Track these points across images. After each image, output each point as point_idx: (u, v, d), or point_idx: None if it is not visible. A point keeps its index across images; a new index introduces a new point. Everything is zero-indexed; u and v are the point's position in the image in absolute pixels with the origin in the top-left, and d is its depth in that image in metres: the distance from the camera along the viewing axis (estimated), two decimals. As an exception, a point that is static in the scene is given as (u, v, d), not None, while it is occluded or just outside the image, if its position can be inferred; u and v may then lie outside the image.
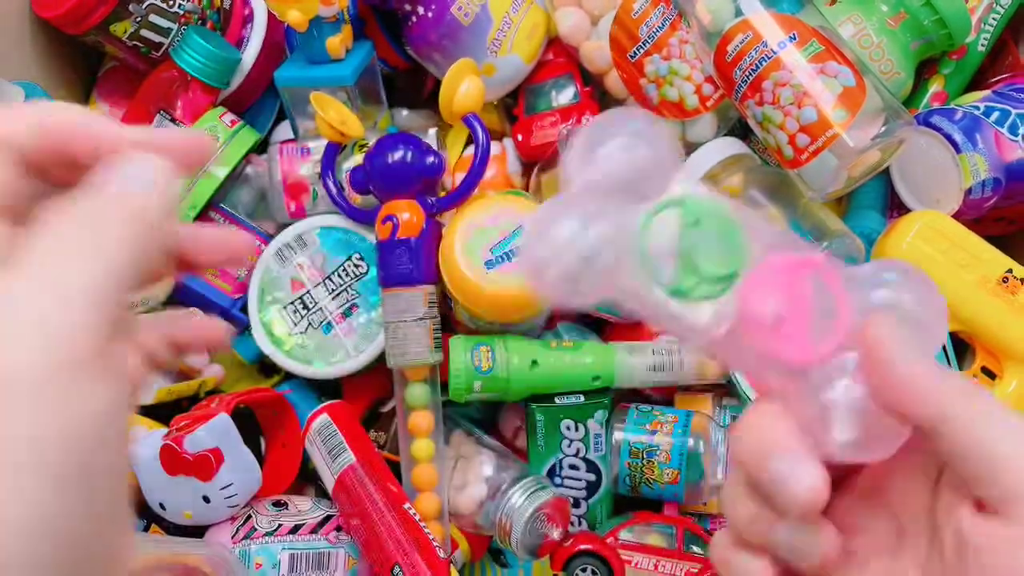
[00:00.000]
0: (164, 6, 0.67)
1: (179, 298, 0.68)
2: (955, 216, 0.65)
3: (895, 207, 0.73)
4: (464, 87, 0.63)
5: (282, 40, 0.75)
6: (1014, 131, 0.64)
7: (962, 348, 0.67)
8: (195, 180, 0.66)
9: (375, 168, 0.64)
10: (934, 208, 0.66)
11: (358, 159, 0.68)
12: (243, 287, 0.69)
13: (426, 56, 0.71)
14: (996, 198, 0.65)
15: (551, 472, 0.65)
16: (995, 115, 0.65)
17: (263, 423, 0.70)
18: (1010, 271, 0.64)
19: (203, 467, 0.59)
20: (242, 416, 0.68)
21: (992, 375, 0.66)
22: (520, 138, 0.73)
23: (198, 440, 0.59)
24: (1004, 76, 0.71)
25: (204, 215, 0.69)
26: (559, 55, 0.73)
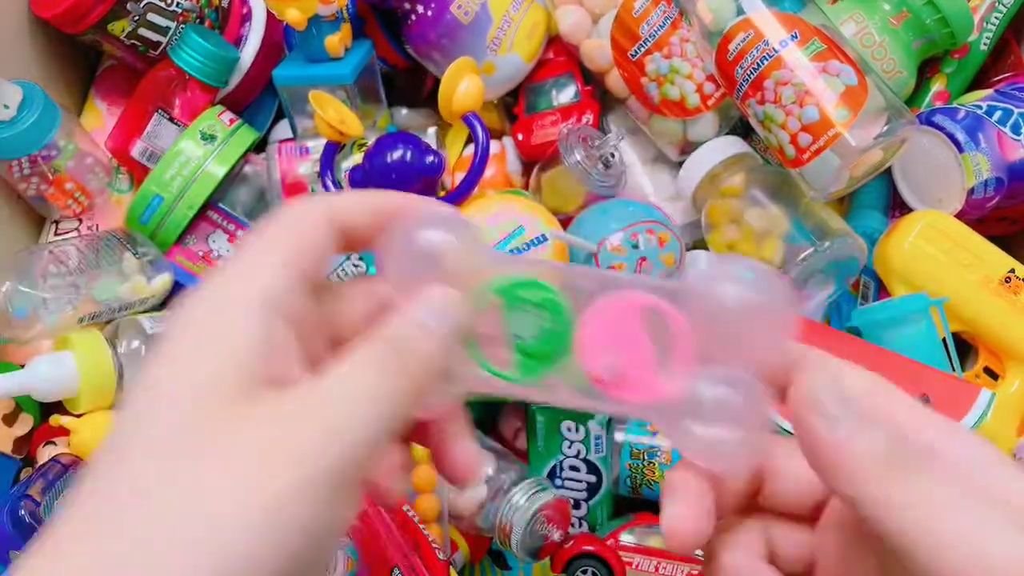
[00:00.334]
0: (162, 5, 0.66)
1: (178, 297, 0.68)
2: (957, 216, 0.65)
3: (897, 207, 0.72)
4: (463, 86, 0.62)
5: (281, 39, 0.74)
6: (1017, 130, 0.64)
7: (964, 348, 0.67)
8: (193, 179, 0.66)
9: (374, 167, 0.63)
10: (936, 208, 0.66)
11: (357, 158, 0.68)
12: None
13: (425, 55, 0.71)
14: (998, 198, 0.64)
15: (551, 473, 0.65)
16: (997, 114, 0.64)
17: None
18: (1013, 271, 0.63)
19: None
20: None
21: (995, 375, 0.66)
22: (520, 137, 0.73)
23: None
24: (1006, 75, 0.71)
25: (202, 215, 0.69)
26: (559, 54, 0.73)
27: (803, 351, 0.26)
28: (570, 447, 0.64)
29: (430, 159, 0.63)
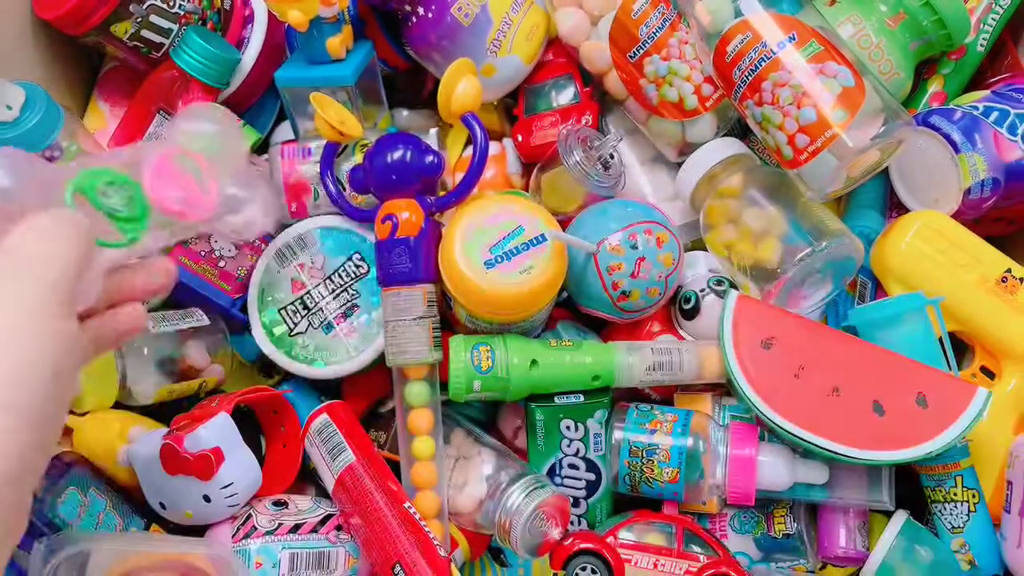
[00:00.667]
0: (164, 7, 0.67)
1: (178, 298, 0.68)
2: (954, 216, 0.65)
3: (894, 207, 0.73)
4: (461, 87, 0.63)
5: (282, 40, 0.75)
6: (1013, 131, 0.64)
7: (961, 348, 0.67)
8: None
9: (375, 168, 0.64)
10: (933, 208, 0.66)
11: (358, 159, 0.68)
12: (243, 287, 0.70)
13: (426, 56, 0.72)
14: (995, 198, 0.65)
15: (551, 471, 0.65)
16: (994, 115, 0.65)
17: (263, 423, 0.70)
18: (1009, 271, 0.64)
19: (203, 466, 0.59)
20: (242, 416, 0.68)
21: (991, 375, 0.66)
22: (520, 138, 0.73)
23: (198, 439, 0.59)
24: (1003, 76, 0.71)
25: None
26: (559, 55, 0.74)
27: None
28: (569, 445, 0.65)
29: (430, 159, 0.64)
